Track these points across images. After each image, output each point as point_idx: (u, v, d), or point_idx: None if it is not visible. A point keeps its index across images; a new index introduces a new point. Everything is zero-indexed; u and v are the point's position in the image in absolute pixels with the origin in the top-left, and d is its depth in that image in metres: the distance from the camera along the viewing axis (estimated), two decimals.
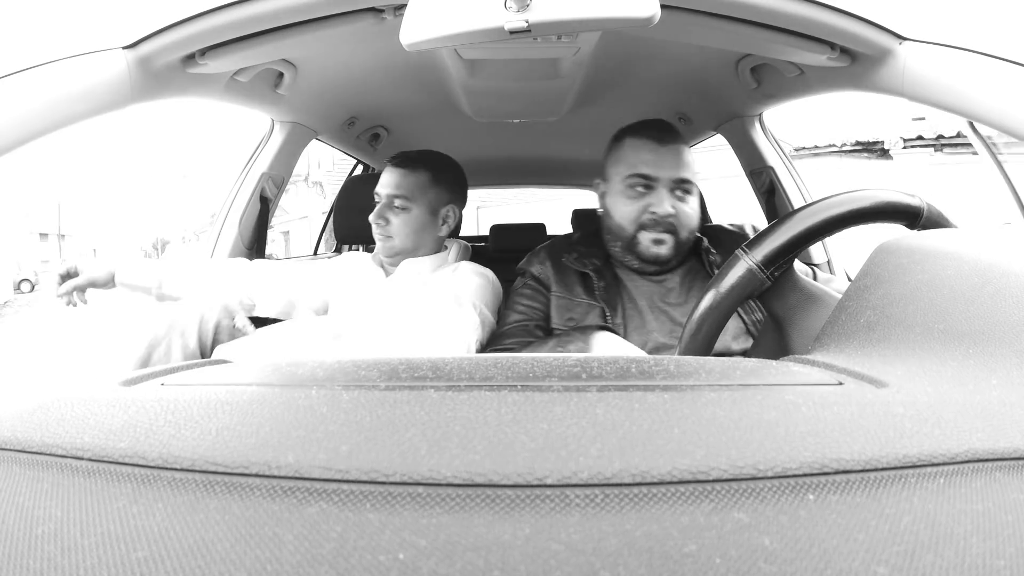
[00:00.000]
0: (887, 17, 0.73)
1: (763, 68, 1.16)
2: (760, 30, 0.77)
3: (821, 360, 0.33)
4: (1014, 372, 0.26)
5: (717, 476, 0.18)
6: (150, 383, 0.30)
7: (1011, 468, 0.20)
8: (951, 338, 0.29)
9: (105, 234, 49.90)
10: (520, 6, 0.55)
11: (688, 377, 0.29)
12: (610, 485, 0.18)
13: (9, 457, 0.22)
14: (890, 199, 0.56)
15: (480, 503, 0.18)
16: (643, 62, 1.26)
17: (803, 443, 0.20)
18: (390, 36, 0.69)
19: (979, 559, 0.16)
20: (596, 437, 0.20)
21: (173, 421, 0.23)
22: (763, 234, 0.58)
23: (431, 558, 0.16)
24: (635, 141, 0.97)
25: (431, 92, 1.42)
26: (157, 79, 0.79)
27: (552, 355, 0.35)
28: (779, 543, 0.16)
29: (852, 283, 0.38)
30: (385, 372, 0.30)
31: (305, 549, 0.17)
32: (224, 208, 1.44)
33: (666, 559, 0.16)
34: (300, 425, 0.22)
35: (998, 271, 0.31)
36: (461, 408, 0.23)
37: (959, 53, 0.68)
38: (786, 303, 0.60)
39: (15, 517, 0.19)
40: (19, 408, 0.25)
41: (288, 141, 1.44)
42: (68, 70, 0.69)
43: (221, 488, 0.19)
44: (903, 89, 0.75)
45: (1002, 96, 0.65)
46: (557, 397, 0.25)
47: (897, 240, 0.39)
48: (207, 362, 0.37)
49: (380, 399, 0.25)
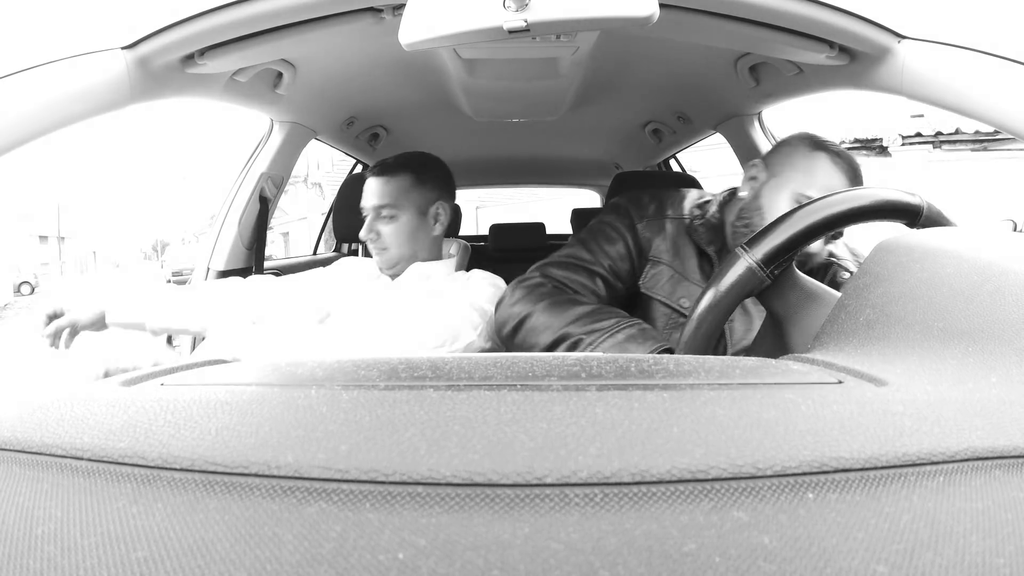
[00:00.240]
0: (886, 16, 0.73)
1: (762, 67, 1.16)
2: (759, 29, 0.77)
3: (821, 359, 0.33)
4: (1013, 370, 0.26)
5: (716, 475, 0.18)
6: (150, 383, 0.30)
7: (1011, 466, 0.20)
8: (950, 336, 0.29)
9: (105, 236, 49.91)
10: (519, 6, 0.55)
11: (687, 376, 0.29)
12: (609, 484, 0.18)
13: (9, 457, 0.22)
14: (890, 197, 0.56)
15: (479, 502, 0.18)
16: (642, 61, 1.26)
17: (803, 442, 0.20)
18: (389, 36, 0.69)
19: (979, 557, 0.16)
20: (595, 436, 0.21)
21: (173, 421, 0.23)
22: (763, 232, 0.58)
23: (431, 557, 0.16)
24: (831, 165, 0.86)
25: (430, 92, 1.42)
26: (156, 79, 0.79)
27: (551, 355, 0.35)
28: (779, 542, 0.16)
29: (852, 281, 0.38)
30: (384, 372, 0.30)
31: (305, 549, 0.17)
32: (223, 208, 1.44)
33: (666, 558, 0.16)
34: (300, 425, 0.22)
35: (997, 269, 0.31)
36: (460, 407, 0.23)
37: (958, 51, 0.68)
38: (786, 302, 0.60)
39: (15, 517, 0.19)
40: (19, 408, 0.25)
41: (287, 141, 1.44)
42: (68, 70, 0.69)
43: (221, 488, 0.19)
44: (902, 87, 0.75)
45: (1001, 94, 0.65)
46: (556, 396, 0.25)
47: (896, 238, 0.39)
48: (207, 362, 0.37)
49: (379, 399, 0.25)
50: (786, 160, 0.89)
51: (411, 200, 1.07)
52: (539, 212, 5.02)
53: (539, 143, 2.05)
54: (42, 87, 0.67)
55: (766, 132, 1.50)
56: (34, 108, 0.67)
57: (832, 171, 0.85)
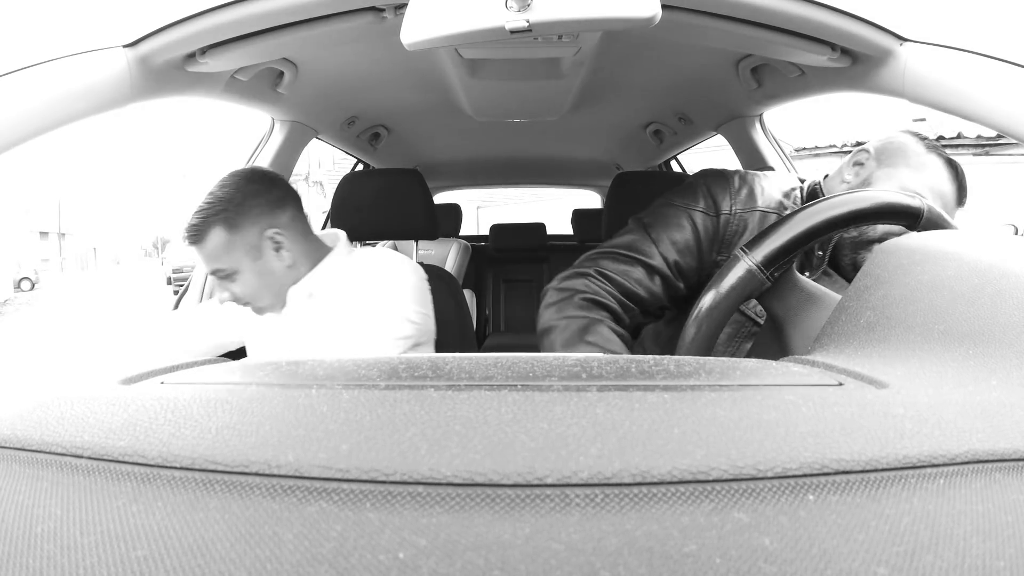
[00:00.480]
0: (888, 18, 0.73)
1: (764, 68, 1.16)
2: (761, 30, 0.77)
3: (821, 361, 0.33)
4: (1014, 373, 0.26)
5: (717, 476, 0.18)
6: (150, 382, 0.30)
7: (1011, 469, 0.20)
8: (951, 339, 0.29)
9: (105, 233, 49.93)
10: (521, 6, 0.55)
11: (688, 377, 0.29)
12: (610, 485, 0.18)
13: (9, 456, 0.22)
14: (891, 200, 0.56)
15: (480, 503, 0.18)
16: (644, 62, 1.26)
17: (803, 443, 0.20)
18: (391, 35, 0.69)
19: (979, 560, 0.16)
20: (596, 437, 0.20)
21: (173, 420, 0.23)
22: (763, 234, 0.58)
23: (431, 557, 0.16)
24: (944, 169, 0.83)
25: (431, 91, 1.42)
26: (157, 77, 0.79)
27: (552, 356, 0.35)
28: (779, 543, 0.16)
29: (852, 284, 0.38)
30: (385, 372, 0.30)
31: (305, 548, 0.17)
32: None
33: (666, 559, 0.16)
34: (300, 424, 0.22)
35: (998, 272, 0.31)
36: (461, 408, 0.23)
37: (960, 54, 0.68)
38: (786, 304, 0.60)
39: (15, 516, 0.19)
40: (19, 407, 0.25)
41: (288, 140, 1.44)
42: (68, 68, 0.69)
43: (221, 487, 0.19)
44: (904, 90, 0.75)
45: (1003, 98, 0.65)
46: (557, 397, 0.25)
47: (897, 241, 0.39)
48: (207, 361, 0.37)
49: (380, 398, 0.25)
50: (899, 152, 0.84)
51: (236, 252, 0.91)
52: (540, 212, 5.02)
53: (540, 143, 2.05)
54: (43, 85, 0.67)
55: (767, 134, 1.50)
56: (35, 106, 0.67)
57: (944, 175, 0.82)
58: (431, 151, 2.15)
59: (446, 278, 1.32)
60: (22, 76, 0.66)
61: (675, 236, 0.81)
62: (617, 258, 0.81)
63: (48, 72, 0.67)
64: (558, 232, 3.05)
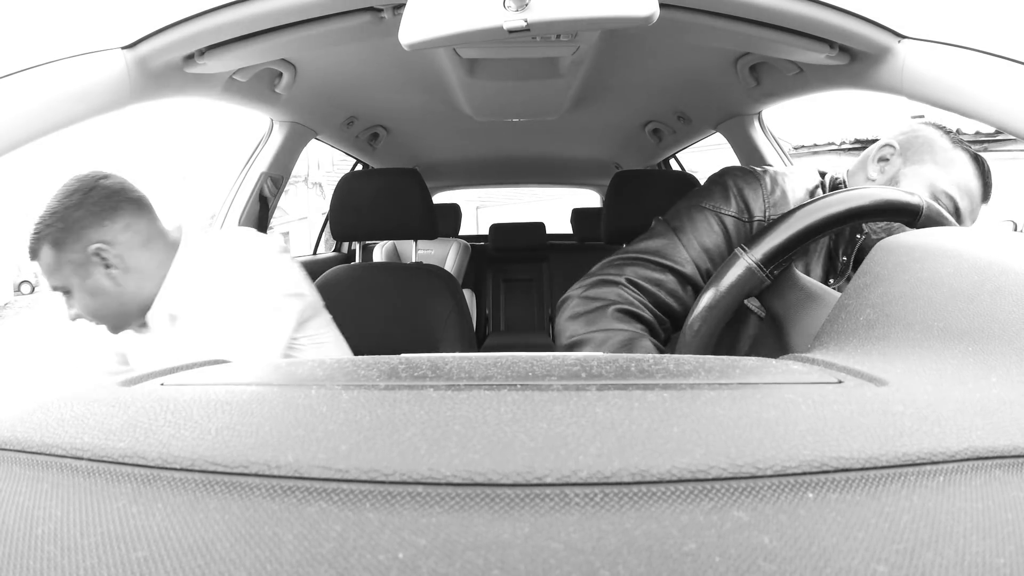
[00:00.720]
0: (886, 15, 0.73)
1: (762, 67, 1.16)
2: (759, 29, 0.77)
3: (821, 358, 0.33)
4: (1013, 370, 0.26)
5: (717, 475, 0.18)
6: (150, 383, 0.30)
7: (1011, 466, 0.20)
8: (950, 336, 0.29)
9: None
10: (519, 5, 0.55)
11: (687, 376, 0.29)
12: (609, 484, 0.18)
13: (9, 457, 0.22)
14: (889, 197, 0.56)
15: (479, 502, 0.18)
16: (642, 61, 1.26)
17: (803, 441, 0.20)
18: (389, 35, 0.69)
19: (979, 557, 0.16)
20: (595, 436, 0.20)
21: (173, 421, 0.23)
22: (762, 232, 0.58)
23: (431, 557, 0.16)
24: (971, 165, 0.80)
25: (430, 91, 1.42)
26: (156, 79, 0.79)
27: (551, 355, 0.35)
28: (779, 541, 0.16)
29: (852, 281, 0.38)
30: (385, 372, 0.30)
31: (305, 548, 0.17)
32: (224, 208, 1.44)
33: (666, 558, 0.16)
34: (300, 425, 0.22)
35: (997, 269, 0.31)
36: (460, 407, 0.23)
37: (958, 51, 0.68)
38: (785, 302, 0.60)
39: (15, 517, 0.19)
40: (19, 408, 0.25)
41: (287, 141, 1.44)
42: (67, 70, 0.69)
43: (221, 488, 0.19)
44: (902, 87, 0.75)
45: (1001, 94, 0.65)
46: (556, 396, 0.25)
47: (896, 238, 0.39)
48: (206, 362, 0.37)
49: (379, 398, 0.25)
50: (926, 148, 0.81)
51: (63, 270, 0.86)
52: (539, 212, 5.02)
53: (539, 143, 2.05)
54: (42, 87, 0.67)
55: (766, 132, 1.50)
56: (34, 108, 0.67)
57: (971, 171, 0.79)
58: (430, 151, 2.16)
59: (446, 278, 1.32)
60: (22, 78, 0.66)
61: (706, 242, 0.76)
62: (647, 265, 0.77)
63: (47, 74, 0.67)
64: (557, 231, 3.06)
